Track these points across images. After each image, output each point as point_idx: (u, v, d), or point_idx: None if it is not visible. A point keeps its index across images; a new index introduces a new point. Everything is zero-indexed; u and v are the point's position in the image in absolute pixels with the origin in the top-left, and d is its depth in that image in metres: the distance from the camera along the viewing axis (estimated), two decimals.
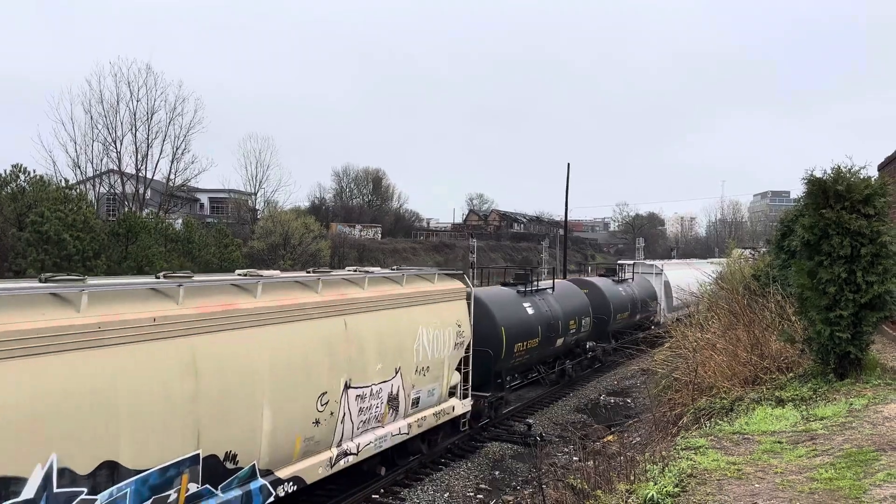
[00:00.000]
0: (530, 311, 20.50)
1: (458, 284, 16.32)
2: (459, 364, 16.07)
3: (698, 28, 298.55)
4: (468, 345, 16.21)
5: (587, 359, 26.77)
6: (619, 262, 41.96)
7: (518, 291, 21.01)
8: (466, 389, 16.42)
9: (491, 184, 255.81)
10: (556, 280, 24.83)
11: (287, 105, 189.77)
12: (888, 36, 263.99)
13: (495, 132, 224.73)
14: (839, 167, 9.51)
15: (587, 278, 31.45)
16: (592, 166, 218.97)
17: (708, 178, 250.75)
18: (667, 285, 36.49)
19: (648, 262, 41.10)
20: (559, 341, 22.60)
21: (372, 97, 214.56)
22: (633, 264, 36.93)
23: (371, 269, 14.58)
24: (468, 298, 16.39)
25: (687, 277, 34.09)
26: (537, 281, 22.61)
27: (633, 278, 33.34)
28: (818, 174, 9.57)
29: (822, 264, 9.40)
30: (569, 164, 50.63)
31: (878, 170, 17.61)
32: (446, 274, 16.49)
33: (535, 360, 21.78)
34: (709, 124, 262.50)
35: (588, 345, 26.45)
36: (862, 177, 9.42)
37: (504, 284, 22.28)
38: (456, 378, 15.95)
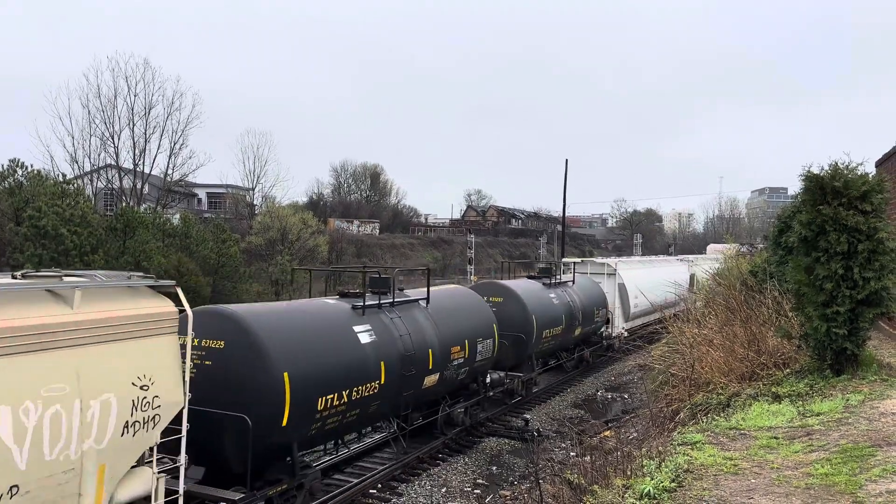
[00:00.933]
0: (367, 338, 13.11)
1: (154, 306, 8.63)
2: (151, 454, 8.68)
3: (698, 28, 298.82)
4: (178, 414, 8.92)
5: (494, 396, 19.14)
6: (563, 259, 34.75)
7: (354, 308, 13.48)
8: (177, 498, 9.02)
9: (489, 180, 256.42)
10: (433, 287, 17.01)
11: (285, 103, 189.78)
12: (888, 34, 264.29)
13: (494, 129, 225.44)
14: (836, 164, 9.54)
15: (503, 282, 22.31)
16: (591, 163, 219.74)
17: (706, 175, 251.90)
18: (622, 289, 30.32)
19: (599, 260, 34.03)
20: (430, 379, 15.08)
21: (371, 95, 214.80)
22: (580, 262, 30.30)
23: None
24: (181, 330, 8.97)
25: (649, 279, 29.63)
26: (392, 290, 15.02)
27: (573, 281, 25.94)
28: (816, 171, 9.60)
29: (819, 260, 9.42)
30: (567, 161, 50.58)
31: (876, 166, 17.66)
32: (138, 285, 8.71)
33: (376, 416, 13.92)
34: (707, 121, 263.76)
35: (489, 378, 18.49)
36: (859, 173, 9.46)
37: (343, 295, 14.63)
38: (141, 485, 8.60)
